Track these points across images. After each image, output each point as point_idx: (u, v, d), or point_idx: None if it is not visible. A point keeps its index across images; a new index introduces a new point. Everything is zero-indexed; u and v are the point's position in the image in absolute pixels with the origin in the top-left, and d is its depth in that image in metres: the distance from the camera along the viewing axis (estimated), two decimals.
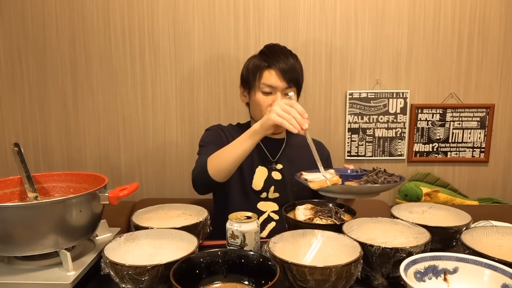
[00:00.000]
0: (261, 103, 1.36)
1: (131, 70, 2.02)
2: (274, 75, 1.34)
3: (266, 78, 1.35)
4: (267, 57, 1.37)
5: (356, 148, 2.05)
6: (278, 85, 1.34)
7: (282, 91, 1.35)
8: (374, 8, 1.95)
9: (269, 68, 1.35)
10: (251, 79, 1.40)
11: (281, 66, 1.34)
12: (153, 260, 0.87)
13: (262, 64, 1.37)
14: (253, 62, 1.41)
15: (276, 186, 1.42)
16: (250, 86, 1.41)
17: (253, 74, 1.39)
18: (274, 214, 1.41)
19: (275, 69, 1.34)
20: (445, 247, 0.96)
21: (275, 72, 1.34)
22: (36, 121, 2.08)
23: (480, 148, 2.04)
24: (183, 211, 1.12)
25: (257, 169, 1.43)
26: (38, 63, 2.03)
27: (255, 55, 1.44)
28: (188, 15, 1.97)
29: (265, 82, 1.35)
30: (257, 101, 1.38)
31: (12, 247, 0.87)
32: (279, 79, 1.34)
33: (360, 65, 2.00)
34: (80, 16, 1.98)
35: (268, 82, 1.35)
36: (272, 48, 1.42)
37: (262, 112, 1.36)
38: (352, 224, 0.97)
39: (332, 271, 0.74)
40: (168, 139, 2.08)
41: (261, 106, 1.37)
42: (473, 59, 1.98)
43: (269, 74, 1.35)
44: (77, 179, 1.10)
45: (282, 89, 1.35)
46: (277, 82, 1.34)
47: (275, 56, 1.36)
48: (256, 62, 1.40)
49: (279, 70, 1.33)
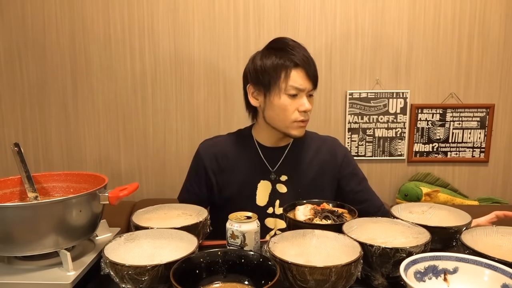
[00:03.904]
0: (288, 107, 1.19)
1: (131, 70, 2.02)
2: (302, 75, 1.18)
3: (293, 79, 1.18)
4: (290, 55, 1.18)
5: (356, 148, 2.05)
6: (307, 86, 1.19)
7: (307, 92, 1.20)
8: (374, 8, 1.95)
9: (296, 68, 1.18)
10: (272, 80, 1.19)
11: (307, 65, 1.18)
12: (153, 260, 0.87)
13: (287, 63, 1.18)
14: (272, 60, 1.20)
15: (282, 200, 1.28)
16: (270, 89, 1.20)
17: (275, 74, 1.19)
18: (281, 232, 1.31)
19: (302, 69, 1.18)
20: (445, 247, 0.96)
21: (303, 72, 1.18)
22: (36, 121, 2.08)
23: (480, 148, 2.04)
24: (183, 211, 1.12)
25: (259, 184, 1.28)
26: (38, 63, 2.03)
27: (263, 51, 1.24)
28: (188, 15, 1.98)
29: (293, 84, 1.17)
30: (283, 106, 1.19)
31: (12, 247, 0.87)
32: (307, 80, 1.18)
33: (360, 65, 2.00)
34: (80, 16, 1.98)
35: (296, 84, 1.17)
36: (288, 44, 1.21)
37: (288, 118, 1.20)
38: (352, 224, 0.97)
39: (332, 271, 0.74)
40: (168, 139, 2.08)
41: (287, 111, 1.20)
42: (473, 59, 1.98)
43: (297, 74, 1.18)
44: (77, 179, 1.10)
45: (308, 90, 1.20)
46: (306, 83, 1.18)
47: (299, 53, 1.19)
48: (277, 61, 1.19)
49: (306, 69, 1.18)
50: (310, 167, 1.31)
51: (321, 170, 1.32)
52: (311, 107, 1.21)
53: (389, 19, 1.96)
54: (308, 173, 1.30)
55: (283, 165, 1.31)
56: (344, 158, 1.34)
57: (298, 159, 1.32)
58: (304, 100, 1.19)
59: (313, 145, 1.35)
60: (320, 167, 1.32)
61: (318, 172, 1.31)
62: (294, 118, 1.20)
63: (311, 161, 1.32)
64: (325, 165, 1.32)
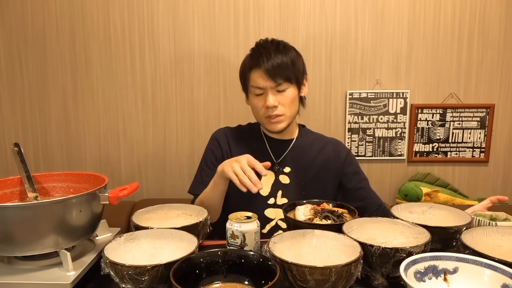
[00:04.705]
0: (257, 105, 1.31)
1: (131, 70, 2.02)
2: (260, 75, 1.27)
3: (253, 79, 1.29)
4: (253, 57, 1.31)
5: (356, 148, 2.05)
6: (266, 84, 1.27)
7: (272, 89, 1.27)
8: (374, 8, 1.95)
9: (255, 69, 1.28)
10: (244, 84, 1.36)
11: (266, 64, 1.25)
12: (153, 260, 0.87)
13: (247, 66, 1.32)
14: (242, 66, 1.36)
15: (284, 190, 1.34)
16: (246, 91, 1.37)
17: (243, 77, 1.35)
18: (282, 222, 1.33)
19: (261, 69, 1.26)
20: (445, 247, 0.96)
21: (261, 71, 1.26)
22: (36, 121, 2.08)
23: (480, 148, 2.04)
24: (183, 211, 1.12)
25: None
26: (38, 63, 2.03)
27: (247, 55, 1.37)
28: (188, 15, 1.98)
29: (254, 84, 1.29)
30: (253, 104, 1.33)
31: (12, 247, 0.87)
32: (265, 79, 1.26)
33: (360, 65, 2.00)
34: (80, 16, 1.98)
35: (256, 84, 1.28)
36: (259, 46, 1.33)
37: (259, 115, 1.33)
38: (352, 224, 0.97)
39: (332, 271, 0.74)
40: (168, 139, 2.08)
41: (257, 109, 1.32)
42: (473, 59, 1.98)
43: (257, 74, 1.28)
44: (77, 179, 1.10)
45: (272, 87, 1.27)
46: (264, 82, 1.26)
47: (261, 55, 1.28)
48: (243, 65, 1.35)
49: (265, 69, 1.25)
50: (314, 163, 1.37)
51: (324, 167, 1.38)
52: (276, 103, 1.27)
53: (389, 19, 1.96)
54: (312, 168, 1.37)
55: (288, 157, 1.38)
56: (347, 157, 1.41)
57: (302, 154, 1.38)
58: (268, 97, 1.27)
59: (318, 143, 1.43)
60: (323, 164, 1.38)
61: (321, 168, 1.37)
62: (263, 115, 1.31)
63: (315, 158, 1.38)
64: (329, 163, 1.39)
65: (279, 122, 1.30)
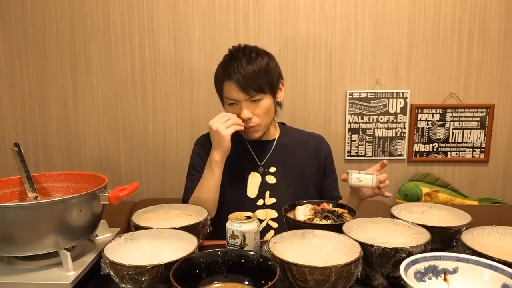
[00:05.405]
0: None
1: (131, 70, 2.02)
2: (234, 87, 1.23)
3: (226, 91, 1.26)
4: (224, 68, 1.27)
5: (356, 148, 2.05)
6: (239, 97, 1.24)
7: (246, 101, 1.25)
8: (374, 8, 1.95)
9: (227, 80, 1.25)
10: (218, 91, 1.33)
11: (237, 76, 1.22)
12: (153, 260, 0.87)
13: (221, 76, 1.28)
14: (217, 72, 1.32)
15: (272, 190, 1.34)
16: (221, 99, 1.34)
17: (217, 87, 1.33)
18: (273, 222, 1.34)
19: (232, 80, 1.23)
20: (445, 247, 0.96)
21: (233, 83, 1.23)
22: (36, 121, 2.08)
23: (480, 148, 2.04)
24: (183, 211, 1.12)
25: (249, 175, 1.35)
26: (38, 63, 2.03)
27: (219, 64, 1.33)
28: (188, 15, 1.98)
29: (227, 96, 1.27)
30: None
31: (12, 247, 0.87)
32: (237, 91, 1.23)
33: (360, 65, 2.00)
34: (80, 16, 1.98)
35: (229, 96, 1.26)
36: (231, 55, 1.29)
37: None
38: (352, 224, 0.97)
39: (332, 271, 0.74)
40: (168, 139, 2.08)
41: None
42: (473, 59, 1.98)
43: (229, 86, 1.25)
44: (77, 179, 1.10)
45: (245, 99, 1.24)
46: (237, 94, 1.24)
47: (233, 65, 1.24)
48: (218, 72, 1.31)
49: (237, 81, 1.22)
50: (298, 160, 1.39)
51: (309, 163, 1.40)
52: (251, 115, 1.26)
53: (389, 19, 1.96)
54: (297, 165, 1.38)
55: (272, 158, 1.38)
56: (328, 155, 1.45)
57: (286, 152, 1.39)
58: (243, 110, 1.25)
59: (301, 139, 1.44)
60: (307, 160, 1.40)
61: (306, 164, 1.39)
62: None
63: (299, 154, 1.40)
64: (312, 159, 1.41)
65: (255, 132, 1.30)
